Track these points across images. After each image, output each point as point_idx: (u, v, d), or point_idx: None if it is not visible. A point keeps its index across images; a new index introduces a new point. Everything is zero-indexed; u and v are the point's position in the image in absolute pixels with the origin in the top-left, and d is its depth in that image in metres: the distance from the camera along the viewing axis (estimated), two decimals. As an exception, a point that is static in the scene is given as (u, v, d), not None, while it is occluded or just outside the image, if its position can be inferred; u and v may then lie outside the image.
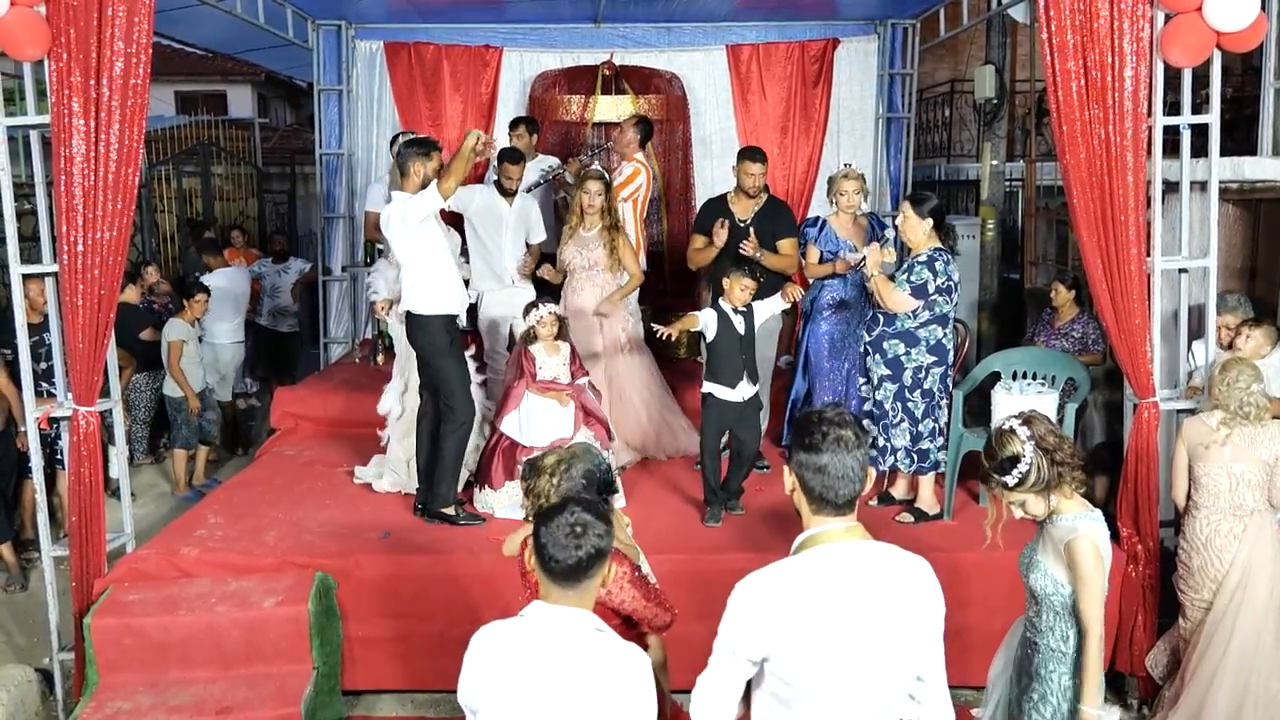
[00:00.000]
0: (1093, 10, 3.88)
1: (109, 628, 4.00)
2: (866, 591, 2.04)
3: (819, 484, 2.07)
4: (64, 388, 4.20)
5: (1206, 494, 3.83)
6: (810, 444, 2.08)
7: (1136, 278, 4.04)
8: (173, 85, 19.98)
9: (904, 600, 2.06)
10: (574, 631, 2.11)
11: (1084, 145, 3.97)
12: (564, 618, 2.12)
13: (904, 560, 2.11)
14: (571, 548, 2.10)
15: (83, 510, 4.15)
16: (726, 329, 4.70)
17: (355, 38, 7.88)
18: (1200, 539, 3.84)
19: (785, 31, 7.85)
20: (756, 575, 2.08)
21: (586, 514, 2.14)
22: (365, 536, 4.60)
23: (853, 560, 2.07)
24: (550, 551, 2.10)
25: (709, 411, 4.75)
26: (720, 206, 5.54)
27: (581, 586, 2.13)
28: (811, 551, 2.09)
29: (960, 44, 11.63)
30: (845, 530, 2.09)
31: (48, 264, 4.15)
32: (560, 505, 2.18)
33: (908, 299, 4.46)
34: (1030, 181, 8.35)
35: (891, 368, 4.62)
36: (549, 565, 2.11)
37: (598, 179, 5.41)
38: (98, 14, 3.83)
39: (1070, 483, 2.77)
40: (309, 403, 6.53)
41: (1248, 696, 3.68)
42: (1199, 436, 3.87)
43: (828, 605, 2.02)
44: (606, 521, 2.17)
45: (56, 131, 3.89)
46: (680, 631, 3.20)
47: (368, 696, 4.38)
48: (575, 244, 5.44)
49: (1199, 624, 3.85)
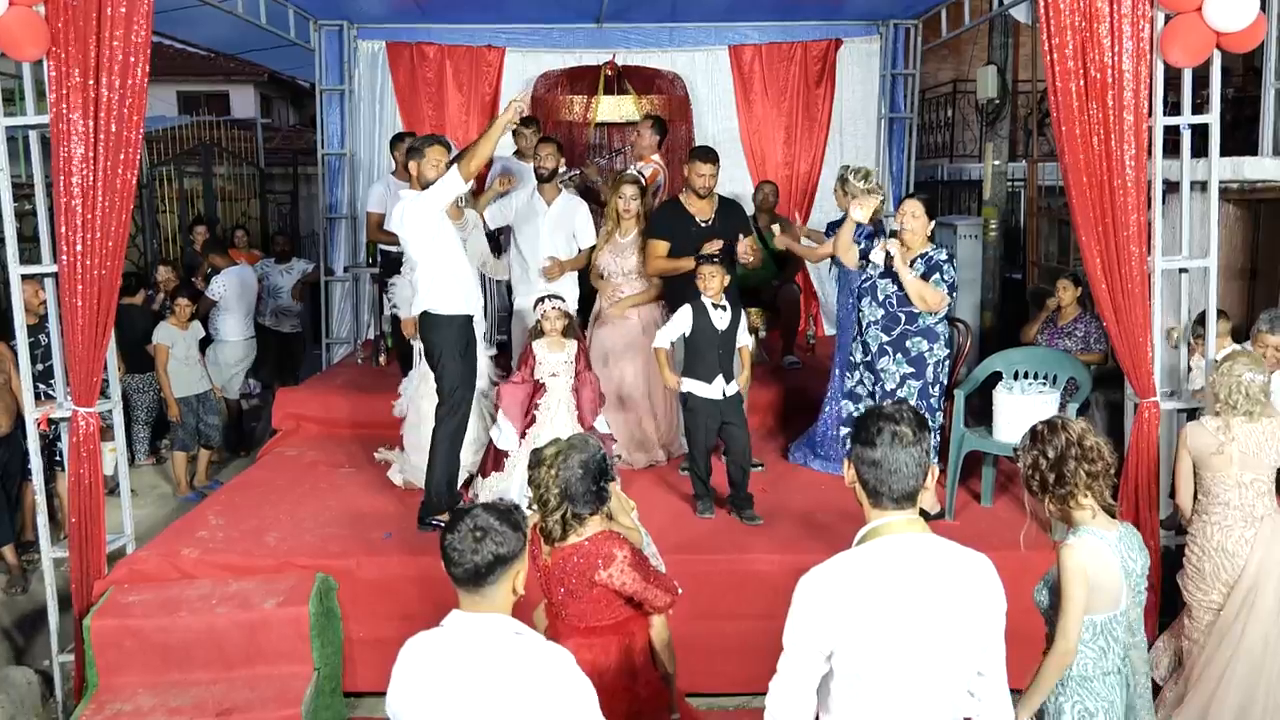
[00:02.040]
0: (1093, 10, 3.88)
1: (109, 629, 3.99)
2: (928, 583, 2.07)
3: (873, 477, 2.12)
4: (63, 389, 4.21)
5: (1216, 502, 3.78)
6: (866, 438, 2.14)
7: (1137, 278, 4.04)
8: (175, 85, 20.00)
9: (966, 594, 2.09)
10: (491, 637, 2.09)
11: (1084, 145, 3.97)
12: (480, 623, 2.11)
13: (966, 555, 2.14)
14: (468, 551, 2.09)
15: (82, 511, 4.15)
16: (704, 324, 4.68)
17: (357, 38, 7.89)
18: (1211, 544, 3.78)
19: (788, 32, 7.85)
20: (820, 568, 2.12)
21: (491, 519, 2.13)
22: (366, 537, 4.59)
23: (914, 552, 2.10)
24: (450, 554, 2.11)
25: (692, 414, 4.74)
26: (678, 209, 5.39)
27: (485, 590, 2.11)
28: (873, 543, 2.12)
29: (963, 44, 11.62)
30: (907, 523, 2.13)
31: (47, 264, 4.15)
32: (466, 510, 2.18)
33: (946, 296, 4.56)
34: (1032, 181, 8.34)
35: (915, 365, 4.64)
36: (450, 569, 2.12)
37: (633, 183, 5.34)
38: (96, 13, 3.83)
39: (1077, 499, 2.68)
40: (311, 403, 6.53)
41: (1254, 701, 3.65)
42: (1203, 443, 3.80)
43: (891, 595, 2.05)
44: (516, 528, 2.15)
45: (55, 132, 3.90)
46: (683, 632, 3.21)
47: (369, 698, 4.37)
48: (611, 250, 5.38)
49: (1208, 626, 3.81)
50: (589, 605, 2.83)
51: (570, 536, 2.81)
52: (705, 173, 5.29)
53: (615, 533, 2.89)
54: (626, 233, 5.36)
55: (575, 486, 2.77)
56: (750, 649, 4.13)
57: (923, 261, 4.57)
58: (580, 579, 2.79)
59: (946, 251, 4.63)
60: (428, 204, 4.42)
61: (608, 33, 7.81)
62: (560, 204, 5.51)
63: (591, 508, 2.81)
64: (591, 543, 2.80)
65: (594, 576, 2.78)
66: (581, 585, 2.80)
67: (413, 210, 4.47)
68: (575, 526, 2.80)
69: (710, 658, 4.09)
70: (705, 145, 5.70)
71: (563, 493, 2.77)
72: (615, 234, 5.36)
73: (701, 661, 3.95)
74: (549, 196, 5.51)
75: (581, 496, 2.78)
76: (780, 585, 2.40)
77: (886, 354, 4.67)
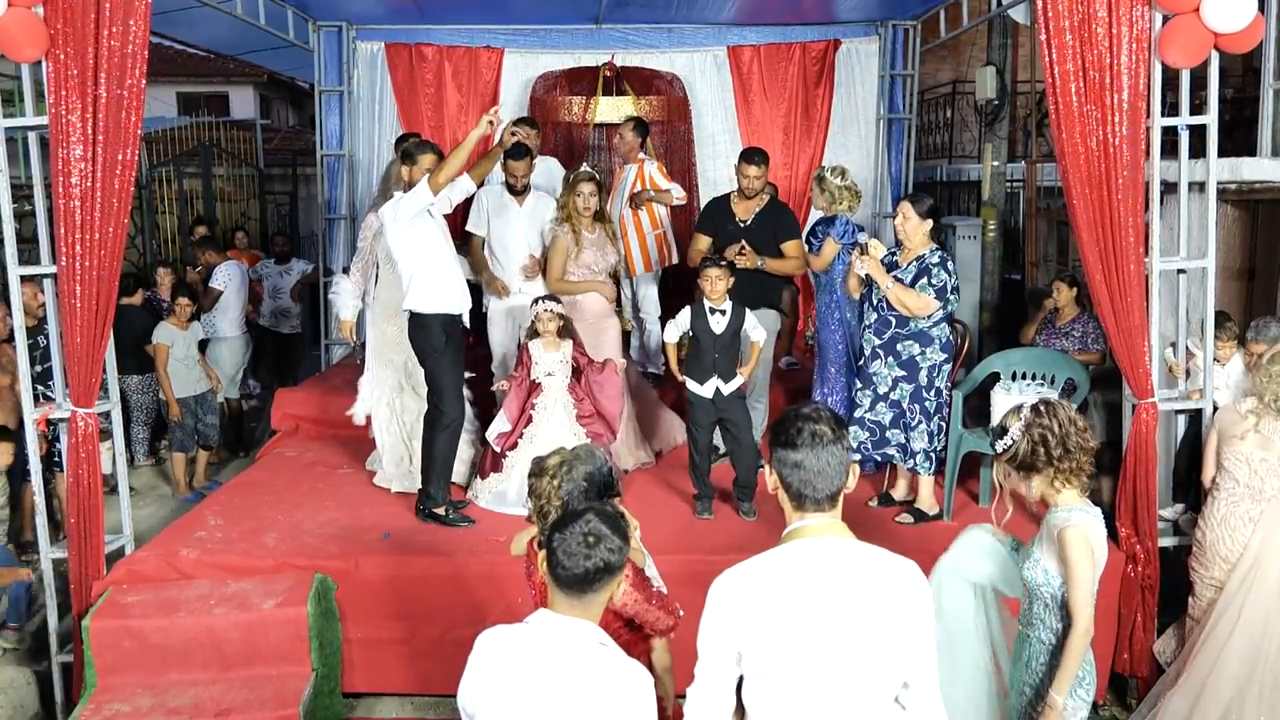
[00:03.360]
0: (1091, 11, 3.88)
1: (108, 630, 4.00)
2: (844, 587, 2.02)
3: (796, 479, 2.09)
4: (62, 389, 4.21)
5: (1228, 476, 3.92)
6: (787, 440, 2.10)
7: (1135, 278, 4.04)
8: (175, 86, 20.01)
9: (886, 600, 2.03)
10: (577, 643, 2.07)
11: (1083, 146, 3.97)
12: (568, 628, 2.09)
13: (889, 561, 2.09)
14: (581, 557, 2.07)
15: (81, 512, 4.15)
16: (702, 327, 4.76)
17: (356, 39, 7.89)
18: (1216, 516, 3.91)
19: (786, 33, 7.85)
20: (733, 569, 2.09)
21: (603, 525, 2.11)
22: (365, 538, 4.60)
23: (831, 555, 2.07)
24: (560, 558, 2.08)
25: (692, 411, 4.84)
26: (723, 207, 5.55)
27: (587, 598, 2.10)
28: (790, 545, 2.09)
29: (961, 45, 11.63)
30: (826, 526, 2.10)
31: (46, 265, 4.16)
32: (578, 513, 2.15)
33: (931, 301, 4.48)
34: (1031, 182, 8.35)
35: (907, 368, 4.60)
36: (557, 572, 2.09)
37: (589, 180, 5.38)
38: (95, 14, 3.83)
39: (1063, 476, 2.77)
40: (310, 404, 6.53)
41: (1252, 680, 3.68)
42: (1230, 423, 3.98)
43: (802, 598, 2.01)
44: (623, 538, 2.14)
45: (54, 133, 3.90)
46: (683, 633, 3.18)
47: (367, 699, 4.38)
48: (592, 245, 5.41)
49: (1209, 603, 3.89)
50: None
51: None
52: (749, 174, 5.37)
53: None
54: (591, 229, 5.39)
55: (578, 501, 2.67)
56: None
57: (915, 264, 4.54)
58: None
59: (941, 254, 4.54)
60: (399, 211, 4.50)
61: (606, 33, 7.81)
62: (531, 201, 5.57)
63: None
64: None
65: None
66: None
67: (389, 214, 4.56)
68: None
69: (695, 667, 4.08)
70: (754, 147, 5.75)
71: (564, 505, 2.69)
72: (584, 232, 5.37)
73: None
74: (520, 196, 5.57)
75: None
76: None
77: (879, 357, 4.66)
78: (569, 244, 5.37)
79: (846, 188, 5.28)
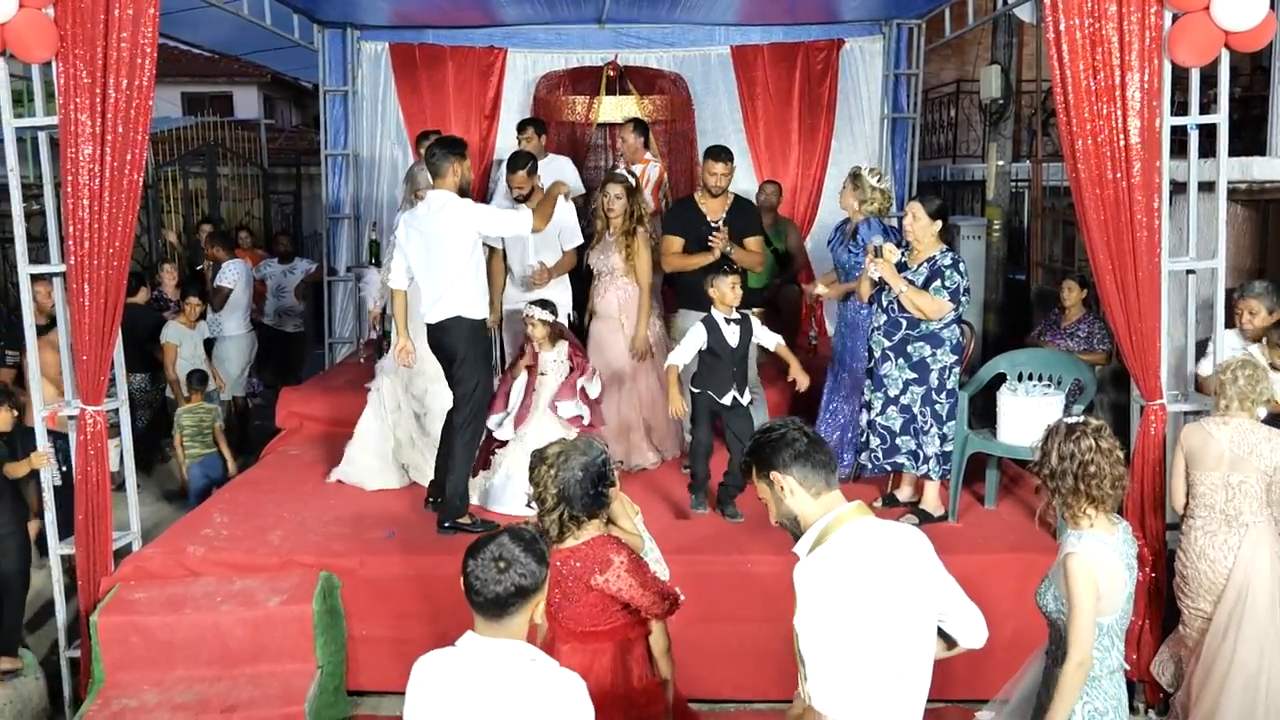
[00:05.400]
0: (1100, 10, 3.87)
1: (115, 625, 4.01)
2: (897, 559, 2.20)
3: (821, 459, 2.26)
4: (71, 387, 4.22)
5: (1202, 504, 3.79)
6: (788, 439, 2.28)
7: (1150, 280, 4.01)
8: (179, 86, 20.05)
9: (919, 560, 2.24)
10: (507, 663, 2.09)
11: (1093, 146, 3.95)
12: (496, 649, 2.11)
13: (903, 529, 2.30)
14: (492, 581, 2.08)
15: (89, 509, 4.16)
16: (718, 341, 4.66)
17: (360, 39, 7.90)
18: (1194, 550, 3.80)
19: (790, 32, 7.85)
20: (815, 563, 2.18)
21: (516, 548, 2.13)
22: (369, 536, 4.60)
23: (877, 534, 2.23)
24: (472, 581, 2.11)
25: (696, 401, 4.74)
26: (691, 207, 5.51)
27: (505, 621, 2.11)
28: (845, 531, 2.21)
29: (966, 44, 11.61)
30: (856, 509, 2.24)
31: (55, 264, 4.17)
32: (491, 537, 2.17)
33: (945, 304, 4.45)
34: (1037, 182, 8.33)
35: (918, 370, 4.57)
36: (470, 596, 2.12)
37: (619, 182, 5.36)
38: (105, 15, 3.84)
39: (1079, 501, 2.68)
40: (314, 403, 6.54)
41: (1257, 710, 3.62)
42: (1198, 443, 3.82)
43: (877, 576, 2.15)
44: (540, 560, 2.15)
45: (64, 133, 3.91)
46: (682, 636, 3.19)
47: (372, 697, 4.38)
48: (599, 248, 5.43)
49: (1200, 634, 3.81)
50: (585, 609, 2.82)
51: (568, 539, 2.80)
52: (716, 171, 5.36)
53: (613, 537, 2.88)
54: (614, 231, 5.39)
55: (573, 489, 2.76)
56: (749, 654, 4.14)
57: (927, 266, 4.51)
58: (576, 583, 2.79)
59: (954, 256, 4.50)
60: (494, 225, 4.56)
61: (610, 33, 7.81)
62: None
63: (589, 511, 2.80)
64: (589, 547, 2.79)
65: (590, 581, 2.77)
66: (578, 589, 2.79)
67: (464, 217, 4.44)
68: (572, 529, 2.80)
69: (709, 662, 4.09)
70: (719, 145, 5.71)
71: (560, 494, 2.77)
72: (605, 232, 5.39)
73: (701, 666, 3.94)
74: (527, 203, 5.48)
75: (579, 499, 2.77)
76: (779, 589, 2.40)
77: (889, 359, 4.62)
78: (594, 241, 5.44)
79: (881, 190, 5.14)
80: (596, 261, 5.45)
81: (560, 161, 6.51)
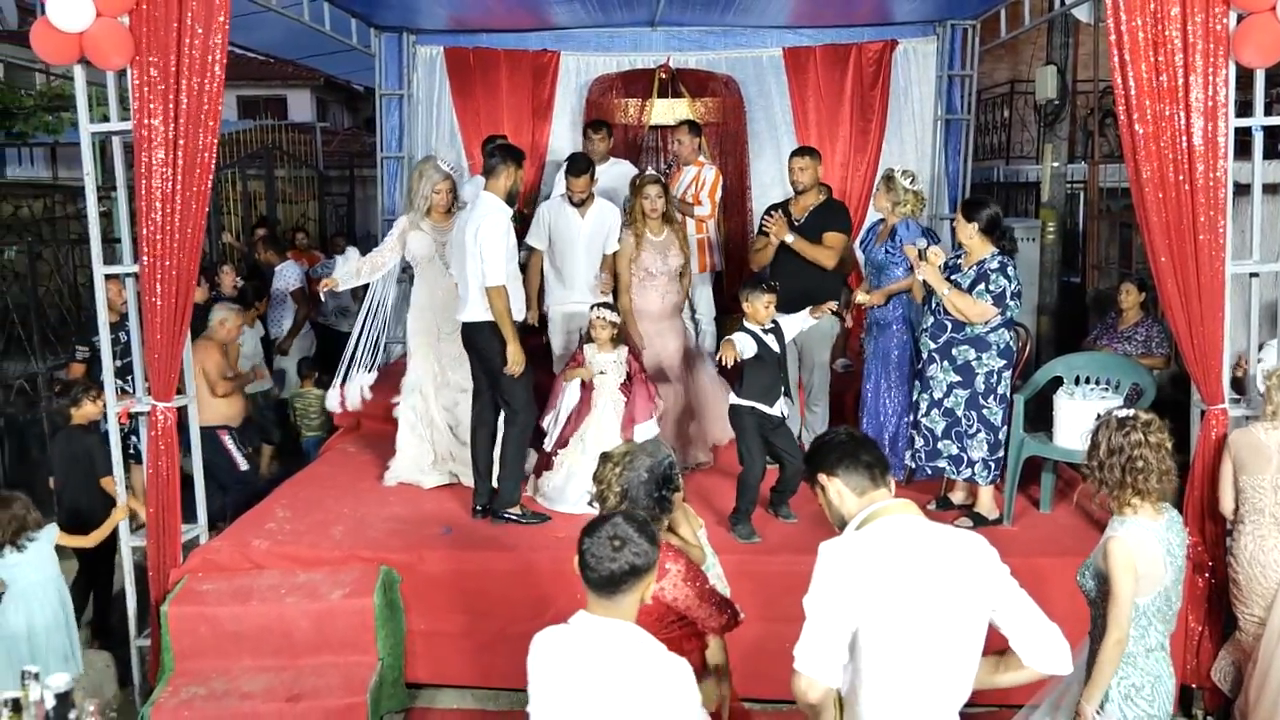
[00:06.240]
0: (1163, 11, 3.82)
1: (185, 615, 4.14)
2: (935, 554, 2.24)
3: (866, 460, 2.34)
4: (142, 384, 4.36)
5: (1251, 508, 3.78)
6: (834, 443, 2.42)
7: (1212, 283, 3.96)
8: (235, 90, 20.47)
9: (968, 569, 2.24)
10: (620, 642, 2.18)
11: (1155, 149, 3.91)
12: (606, 628, 2.20)
13: (959, 535, 2.32)
14: (607, 559, 2.17)
15: (160, 503, 4.30)
16: (764, 350, 4.64)
17: (416, 43, 8.01)
18: (1245, 555, 3.79)
19: (843, 33, 7.80)
20: (838, 543, 2.26)
21: (630, 528, 2.21)
22: (427, 532, 4.69)
23: (917, 529, 2.28)
24: (588, 560, 2.19)
25: (744, 420, 4.61)
26: (780, 208, 5.59)
27: (617, 599, 2.19)
28: (881, 521, 2.27)
29: (1020, 44, 11.45)
30: (901, 505, 2.30)
31: (128, 265, 4.31)
32: (607, 515, 2.25)
33: (988, 308, 4.42)
34: (1093, 184, 8.21)
35: (962, 374, 4.55)
36: (585, 573, 2.20)
37: (655, 182, 5.42)
38: (177, 23, 3.96)
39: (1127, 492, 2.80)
40: (369, 401, 6.63)
41: None
42: (1250, 450, 3.80)
43: (906, 567, 2.19)
44: (651, 541, 2.22)
45: (138, 138, 4.04)
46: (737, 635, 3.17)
47: (429, 690, 4.47)
48: (652, 250, 5.43)
49: (1255, 639, 3.78)
50: (640, 617, 2.82)
51: None
52: (793, 166, 5.47)
53: (672, 545, 2.87)
54: (659, 232, 5.41)
55: (637, 490, 2.76)
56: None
57: (975, 269, 4.49)
58: None
59: (1002, 260, 4.44)
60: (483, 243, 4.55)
61: (662, 36, 7.84)
62: (594, 211, 5.56)
63: (651, 515, 2.77)
64: None
65: None
66: None
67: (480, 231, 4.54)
68: None
69: (764, 662, 4.09)
70: (803, 146, 5.88)
71: (623, 493, 2.77)
72: (646, 233, 5.40)
73: (755, 666, 3.95)
74: (581, 208, 5.56)
75: (641, 501, 2.77)
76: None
77: (935, 361, 4.61)
78: (631, 248, 5.43)
79: (914, 192, 5.21)
80: (654, 264, 5.45)
81: (623, 165, 6.54)
